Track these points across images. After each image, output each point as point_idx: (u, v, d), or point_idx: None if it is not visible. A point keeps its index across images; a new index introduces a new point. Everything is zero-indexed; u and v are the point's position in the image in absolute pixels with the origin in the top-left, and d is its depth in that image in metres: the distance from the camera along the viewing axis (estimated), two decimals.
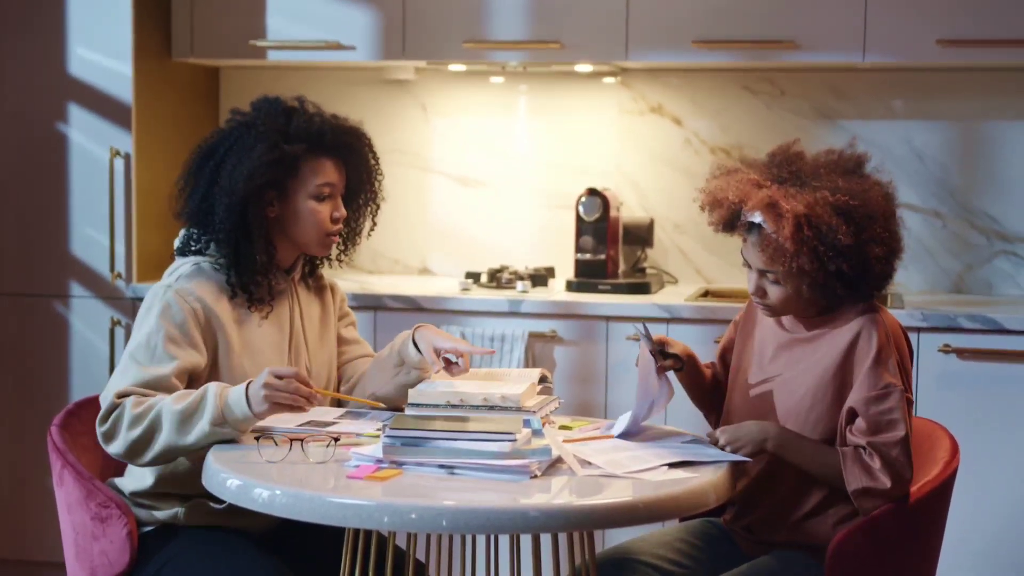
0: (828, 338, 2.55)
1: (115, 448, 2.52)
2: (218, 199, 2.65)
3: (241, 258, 2.66)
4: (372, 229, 2.89)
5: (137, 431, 2.49)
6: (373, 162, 2.82)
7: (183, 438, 2.48)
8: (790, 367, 2.58)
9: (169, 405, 2.48)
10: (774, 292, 2.54)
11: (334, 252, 2.86)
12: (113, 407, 2.52)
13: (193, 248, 2.73)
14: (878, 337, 2.48)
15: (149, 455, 2.51)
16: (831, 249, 2.45)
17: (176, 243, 2.78)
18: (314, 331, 2.82)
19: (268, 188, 2.67)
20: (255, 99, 2.78)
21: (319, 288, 2.89)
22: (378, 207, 2.87)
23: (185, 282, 2.64)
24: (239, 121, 2.72)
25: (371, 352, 2.94)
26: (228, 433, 2.48)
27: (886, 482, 2.40)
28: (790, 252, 2.45)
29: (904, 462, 2.42)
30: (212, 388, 2.50)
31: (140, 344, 2.58)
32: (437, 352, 2.70)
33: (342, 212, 2.75)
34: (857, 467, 2.42)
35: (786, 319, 2.63)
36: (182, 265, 2.71)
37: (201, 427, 2.47)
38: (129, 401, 2.50)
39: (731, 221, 2.58)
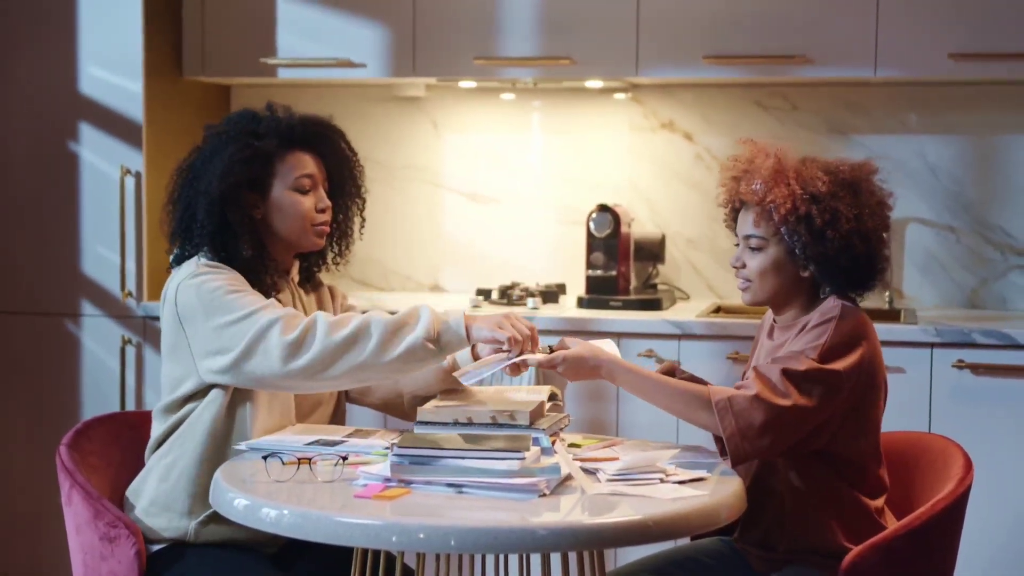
0: (792, 329, 2.59)
1: (304, 359, 2.47)
2: (199, 205, 2.67)
3: (230, 258, 2.67)
4: (362, 226, 2.90)
5: (339, 335, 2.47)
6: (351, 154, 2.84)
7: (388, 348, 2.47)
8: None
9: (376, 315, 2.50)
10: (752, 262, 2.59)
11: (329, 255, 2.87)
12: (294, 317, 2.49)
13: (188, 255, 2.74)
14: (829, 314, 2.51)
15: (343, 366, 2.48)
16: (806, 193, 2.52)
17: (171, 258, 2.79)
18: None
19: (248, 189, 2.69)
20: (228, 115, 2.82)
21: (317, 289, 2.90)
22: (364, 201, 2.88)
23: (202, 260, 2.66)
24: (212, 133, 2.75)
25: None
26: (432, 353, 2.49)
27: (751, 390, 2.41)
28: (767, 187, 2.52)
29: (786, 386, 2.40)
30: (425, 306, 2.53)
31: (230, 304, 2.54)
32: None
33: (326, 203, 2.76)
34: (727, 387, 2.44)
35: (776, 328, 2.64)
36: (184, 266, 2.72)
37: (413, 338, 2.47)
38: (320, 313, 2.51)
39: (737, 196, 2.65)
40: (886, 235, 2.60)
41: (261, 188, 2.71)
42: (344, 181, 2.83)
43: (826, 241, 2.51)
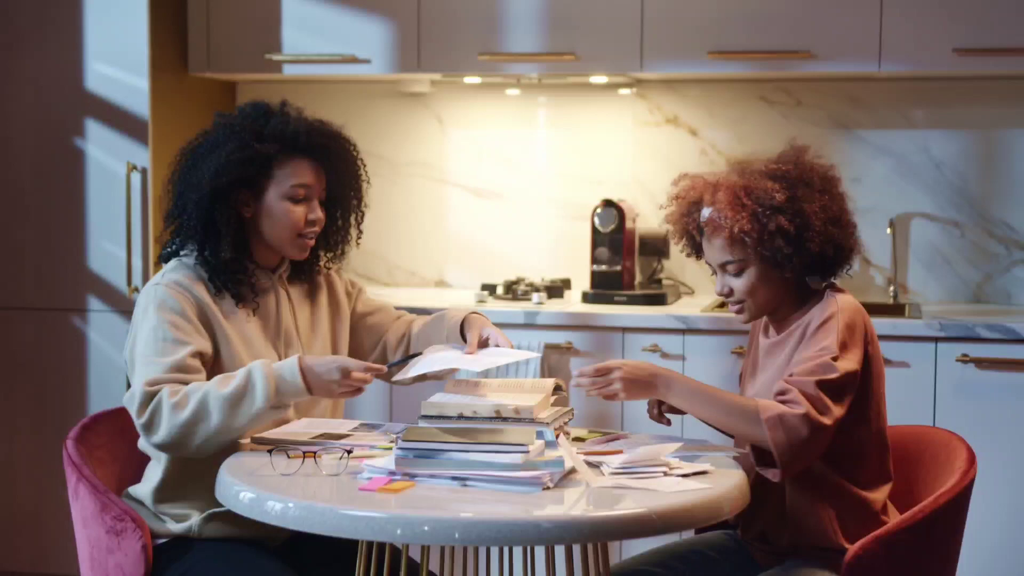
0: (793, 329, 2.59)
1: (158, 437, 2.50)
2: (190, 197, 2.67)
3: (211, 255, 2.67)
4: (359, 237, 2.89)
5: (182, 416, 2.47)
6: (356, 167, 2.81)
7: (234, 421, 2.49)
8: (767, 369, 2.62)
9: (214, 390, 2.49)
10: (738, 284, 2.59)
11: (321, 260, 2.86)
12: (148, 397, 2.50)
13: (174, 249, 2.74)
14: (829, 310, 2.52)
15: (196, 441, 2.50)
16: (768, 208, 2.52)
17: (161, 252, 2.79)
18: (306, 326, 2.82)
19: (241, 187, 2.67)
20: (243, 103, 2.80)
21: (312, 285, 2.88)
22: (363, 214, 2.86)
23: (172, 276, 2.66)
24: (221, 123, 2.74)
25: (395, 311, 2.95)
26: (277, 410, 2.52)
27: (799, 408, 2.40)
28: (730, 218, 2.52)
29: (824, 401, 2.41)
30: (258, 368, 2.51)
31: (147, 341, 2.58)
32: (482, 340, 2.73)
33: (318, 215, 2.74)
34: (771, 401, 2.43)
35: (770, 328, 2.64)
36: (162, 271, 2.72)
37: (256, 408, 2.48)
38: (165, 390, 2.49)
39: (690, 231, 2.67)
40: (848, 204, 2.62)
41: (255, 189, 2.70)
42: (345, 192, 2.81)
43: (805, 242, 2.52)
